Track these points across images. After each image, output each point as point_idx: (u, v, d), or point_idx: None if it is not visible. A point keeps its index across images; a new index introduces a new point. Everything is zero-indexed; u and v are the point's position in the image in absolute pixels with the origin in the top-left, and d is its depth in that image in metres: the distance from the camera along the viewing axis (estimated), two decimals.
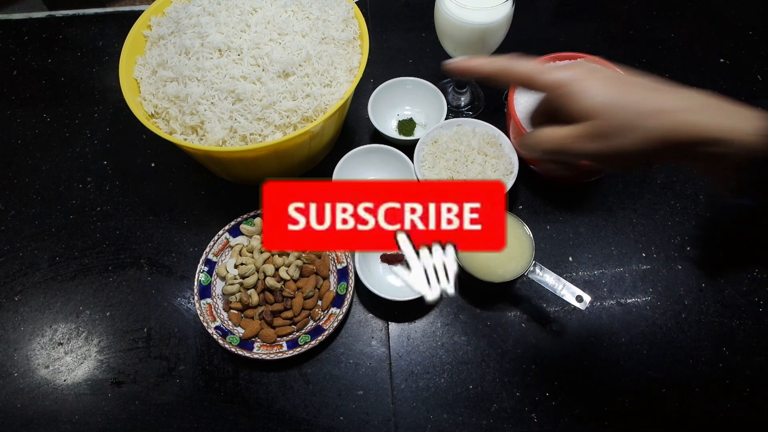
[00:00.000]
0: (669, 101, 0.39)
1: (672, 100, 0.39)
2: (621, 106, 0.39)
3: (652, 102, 0.39)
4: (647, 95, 0.40)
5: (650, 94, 0.40)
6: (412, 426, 0.65)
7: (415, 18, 0.98)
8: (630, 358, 0.68)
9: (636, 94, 0.40)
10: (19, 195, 0.81)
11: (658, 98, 0.39)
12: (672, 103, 0.39)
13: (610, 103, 0.39)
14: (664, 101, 0.39)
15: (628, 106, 0.39)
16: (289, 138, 0.65)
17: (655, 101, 0.39)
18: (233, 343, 0.66)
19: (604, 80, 0.41)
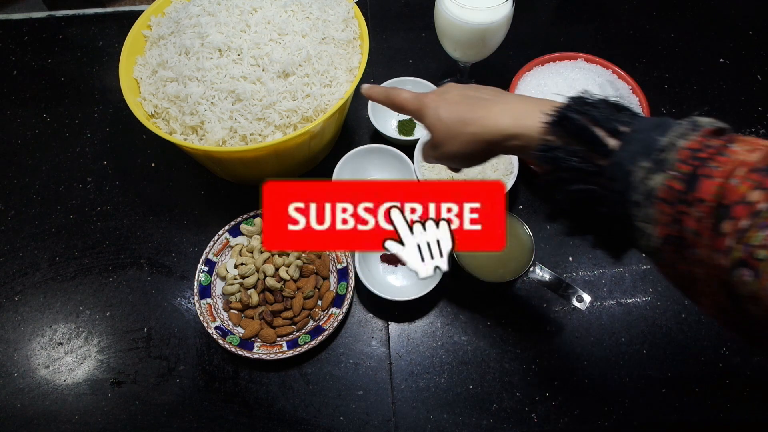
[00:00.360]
0: (484, 111, 0.48)
1: (485, 110, 0.48)
2: (448, 120, 0.50)
3: (472, 113, 0.49)
4: (471, 108, 0.49)
5: (474, 106, 0.49)
6: (412, 426, 0.65)
7: (415, 18, 0.98)
8: (630, 358, 0.68)
9: (462, 109, 0.50)
10: (19, 195, 0.81)
11: (478, 109, 0.49)
12: (484, 112, 0.48)
13: (439, 119, 0.51)
14: (481, 111, 0.49)
15: (454, 119, 0.50)
16: (289, 138, 0.65)
17: (474, 112, 0.49)
18: (233, 343, 0.66)
19: (445, 101, 0.51)
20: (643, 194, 0.38)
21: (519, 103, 0.48)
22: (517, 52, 0.90)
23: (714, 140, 0.37)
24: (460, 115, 0.50)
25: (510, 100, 0.49)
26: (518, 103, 0.48)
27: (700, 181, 0.36)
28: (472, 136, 0.49)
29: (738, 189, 0.34)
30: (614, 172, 0.40)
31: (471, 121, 0.49)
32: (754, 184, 0.33)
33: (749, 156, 0.35)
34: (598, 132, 0.41)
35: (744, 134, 0.38)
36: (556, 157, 0.43)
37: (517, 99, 0.49)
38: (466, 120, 0.49)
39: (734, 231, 0.33)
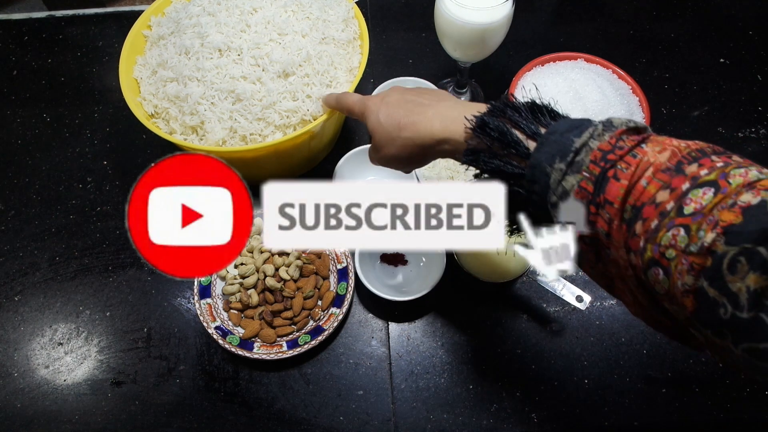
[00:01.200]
0: (418, 116, 0.50)
1: (420, 115, 0.50)
2: (386, 124, 0.52)
3: (407, 118, 0.50)
4: (406, 113, 0.51)
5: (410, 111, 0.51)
6: (412, 426, 0.65)
7: (415, 18, 0.98)
8: (630, 358, 0.68)
9: (399, 113, 0.51)
10: (19, 195, 0.81)
11: (413, 114, 0.50)
12: (418, 117, 0.50)
13: (379, 123, 0.53)
14: (416, 116, 0.50)
15: (391, 124, 0.51)
16: (289, 138, 0.65)
17: (408, 117, 0.50)
18: (233, 343, 0.66)
19: (385, 105, 0.53)
20: (559, 196, 0.39)
21: (451, 109, 0.49)
22: (517, 52, 0.90)
23: (627, 140, 0.38)
24: (397, 119, 0.51)
25: (444, 105, 0.50)
26: (450, 109, 0.49)
27: (609, 183, 0.36)
28: (406, 140, 0.51)
29: (647, 190, 0.34)
30: (533, 174, 0.40)
31: (405, 126, 0.50)
32: (662, 184, 0.34)
33: (659, 156, 0.35)
34: (517, 135, 0.42)
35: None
36: (479, 160, 0.45)
37: (450, 104, 0.50)
38: (401, 125, 0.51)
39: (645, 231, 0.34)
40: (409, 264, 0.74)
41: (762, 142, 0.83)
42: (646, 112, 0.74)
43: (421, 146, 0.50)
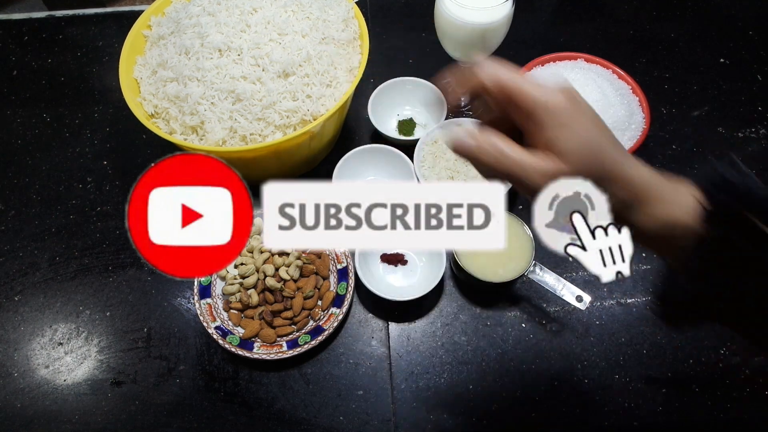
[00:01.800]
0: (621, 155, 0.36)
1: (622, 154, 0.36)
2: (591, 166, 0.35)
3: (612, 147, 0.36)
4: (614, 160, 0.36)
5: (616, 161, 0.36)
6: (412, 426, 0.65)
7: (415, 18, 0.98)
8: (630, 358, 0.68)
9: (603, 155, 0.36)
10: (19, 195, 0.81)
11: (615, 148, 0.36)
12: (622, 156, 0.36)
13: (581, 158, 0.35)
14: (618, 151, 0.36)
15: (596, 167, 0.35)
16: (289, 138, 0.65)
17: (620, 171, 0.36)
18: (233, 343, 0.66)
19: (586, 127, 0.36)
20: None
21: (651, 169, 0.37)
22: (517, 52, 0.90)
23: None
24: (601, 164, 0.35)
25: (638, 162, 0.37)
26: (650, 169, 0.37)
27: None
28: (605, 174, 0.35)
29: None
30: None
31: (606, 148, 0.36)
32: None
33: None
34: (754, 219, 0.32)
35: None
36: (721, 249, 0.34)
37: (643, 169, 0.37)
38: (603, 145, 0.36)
39: None
40: (409, 264, 0.74)
41: (762, 142, 0.83)
42: (646, 112, 0.74)
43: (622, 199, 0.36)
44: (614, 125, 0.70)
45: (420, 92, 0.84)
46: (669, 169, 0.82)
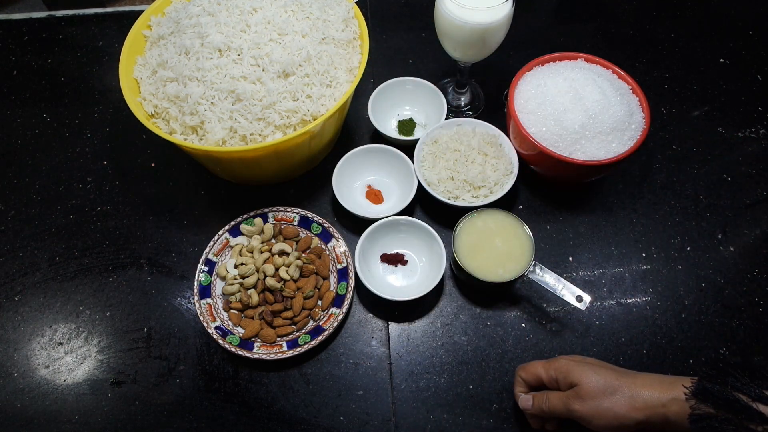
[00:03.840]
0: (628, 379, 0.53)
1: (629, 379, 0.53)
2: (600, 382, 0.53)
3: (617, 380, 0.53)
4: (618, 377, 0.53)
5: (621, 375, 0.54)
6: (412, 426, 0.65)
7: (415, 18, 0.98)
8: (630, 358, 0.68)
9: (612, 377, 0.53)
10: (19, 195, 0.81)
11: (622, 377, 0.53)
12: (629, 380, 0.53)
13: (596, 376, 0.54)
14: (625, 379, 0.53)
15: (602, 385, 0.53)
16: (289, 138, 0.65)
17: (619, 379, 0.53)
18: (233, 343, 0.66)
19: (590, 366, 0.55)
20: None
21: (655, 377, 0.52)
22: (517, 52, 0.90)
23: None
24: (609, 381, 0.53)
25: (643, 375, 0.53)
26: (654, 377, 0.52)
27: None
28: (631, 399, 0.51)
29: None
30: None
31: (618, 388, 0.52)
32: None
33: None
34: (744, 400, 0.44)
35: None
36: (712, 427, 0.46)
37: (650, 375, 0.53)
38: (614, 386, 0.52)
39: None
40: (409, 264, 0.74)
41: (762, 142, 0.83)
42: (646, 112, 0.74)
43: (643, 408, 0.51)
44: (614, 125, 0.70)
45: (420, 92, 0.84)
46: (669, 169, 0.83)
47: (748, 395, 0.45)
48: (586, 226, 0.77)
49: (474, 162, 0.75)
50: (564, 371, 0.56)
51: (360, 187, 0.80)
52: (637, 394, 0.51)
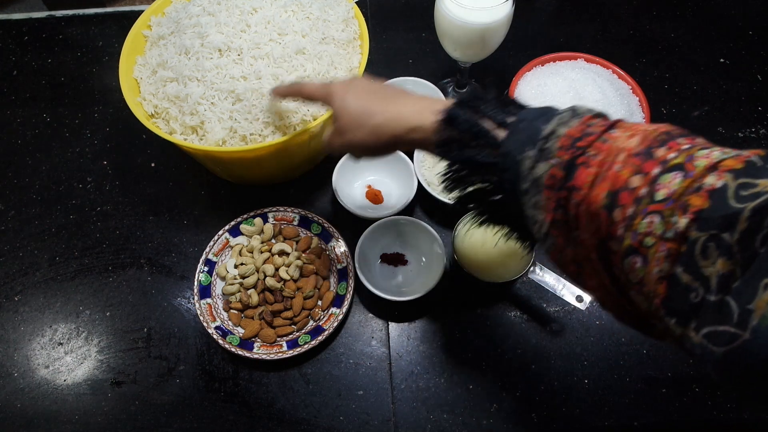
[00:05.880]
0: (388, 104, 0.51)
1: (389, 104, 0.51)
2: (354, 109, 0.52)
3: (377, 105, 0.51)
4: (376, 101, 0.51)
5: (379, 100, 0.51)
6: (412, 426, 0.65)
7: (415, 18, 0.98)
8: (630, 358, 0.68)
9: (368, 100, 0.52)
10: (19, 195, 0.81)
11: (382, 102, 0.51)
12: (388, 105, 0.50)
13: (345, 108, 0.52)
14: (386, 104, 0.51)
15: (360, 109, 0.51)
16: (289, 138, 0.65)
17: (378, 105, 0.51)
18: (233, 343, 0.66)
19: (353, 90, 0.53)
20: (531, 182, 0.40)
21: (419, 101, 0.50)
22: (517, 52, 0.90)
23: (596, 125, 0.38)
24: (366, 105, 0.51)
25: (411, 97, 0.51)
26: (419, 101, 0.50)
27: (578, 170, 0.37)
28: (376, 127, 0.51)
29: (621, 174, 0.35)
30: (504, 163, 0.41)
31: (375, 112, 0.51)
32: (634, 169, 0.35)
33: (629, 141, 0.36)
34: (486, 125, 0.43)
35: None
36: (451, 151, 0.46)
37: (419, 98, 0.51)
38: (371, 111, 0.51)
39: (623, 219, 0.34)
40: (409, 264, 0.74)
41: (762, 142, 0.83)
42: (646, 112, 0.74)
43: (391, 134, 0.50)
44: None
45: (420, 92, 0.84)
46: None
47: (492, 120, 0.43)
48: None
49: None
50: (329, 101, 0.55)
51: (360, 187, 0.80)
52: (386, 123, 0.50)
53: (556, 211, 0.39)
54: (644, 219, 0.33)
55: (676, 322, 0.31)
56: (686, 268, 0.30)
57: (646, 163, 0.34)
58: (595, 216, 0.36)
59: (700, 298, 0.29)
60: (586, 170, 0.37)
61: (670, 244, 0.31)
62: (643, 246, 0.33)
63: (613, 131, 0.38)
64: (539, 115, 0.41)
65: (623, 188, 0.34)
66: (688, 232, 0.30)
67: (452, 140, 0.45)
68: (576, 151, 0.37)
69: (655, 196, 0.32)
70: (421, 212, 0.78)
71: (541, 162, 0.39)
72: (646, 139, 0.36)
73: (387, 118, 0.50)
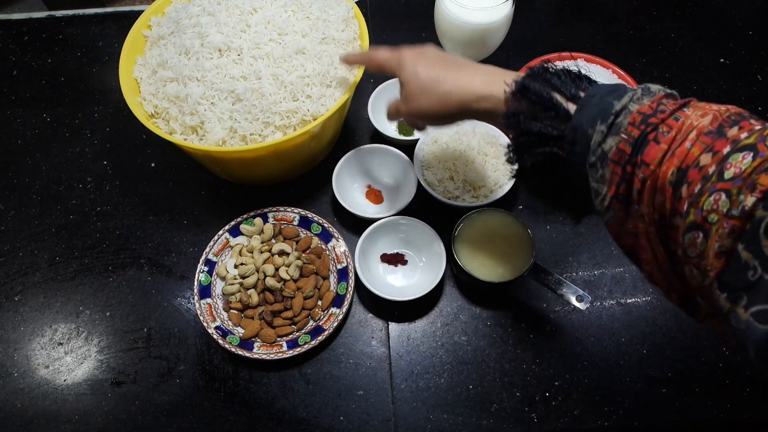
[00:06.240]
0: (457, 73, 0.51)
1: (459, 72, 0.51)
2: (424, 76, 0.52)
3: (447, 72, 0.51)
4: (446, 68, 0.52)
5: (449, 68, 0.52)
6: (412, 426, 0.65)
7: (415, 18, 0.98)
8: (630, 358, 0.68)
9: (438, 68, 0.52)
10: (19, 195, 0.81)
11: (453, 71, 0.51)
12: (458, 74, 0.51)
13: (416, 74, 0.53)
14: (456, 72, 0.51)
15: (430, 76, 0.52)
16: (289, 138, 0.65)
17: (448, 72, 0.51)
18: (233, 343, 0.66)
19: (423, 58, 0.53)
20: (599, 157, 0.40)
21: (489, 71, 0.50)
22: (517, 52, 0.90)
23: (668, 104, 0.39)
24: (436, 73, 0.52)
25: (481, 67, 0.51)
26: (489, 71, 0.50)
27: (648, 146, 0.38)
28: (444, 95, 0.51)
29: (691, 152, 0.36)
30: (574, 137, 0.42)
31: (445, 80, 0.51)
32: (705, 147, 0.35)
33: (701, 120, 0.37)
34: (558, 98, 0.44)
35: None
36: (519, 123, 0.46)
37: (488, 68, 0.51)
38: (441, 78, 0.51)
39: (689, 195, 0.35)
40: (409, 264, 0.74)
41: None
42: None
43: (459, 102, 0.50)
44: None
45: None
46: None
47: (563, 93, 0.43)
48: (586, 226, 0.77)
49: (474, 162, 0.75)
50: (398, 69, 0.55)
51: (360, 187, 0.80)
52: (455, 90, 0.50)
53: (619, 185, 0.39)
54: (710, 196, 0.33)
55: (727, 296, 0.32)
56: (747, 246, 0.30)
57: (717, 142, 0.35)
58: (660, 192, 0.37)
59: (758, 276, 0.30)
60: (656, 146, 0.37)
61: (734, 221, 0.31)
62: (707, 222, 0.33)
63: (685, 109, 0.38)
64: (611, 91, 0.41)
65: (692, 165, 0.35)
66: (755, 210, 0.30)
67: (521, 111, 0.45)
68: (647, 128, 0.38)
69: (724, 174, 0.33)
70: (421, 212, 0.78)
71: (610, 137, 0.39)
72: (717, 118, 0.36)
73: (456, 85, 0.50)
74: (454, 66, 0.52)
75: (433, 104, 0.52)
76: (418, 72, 0.53)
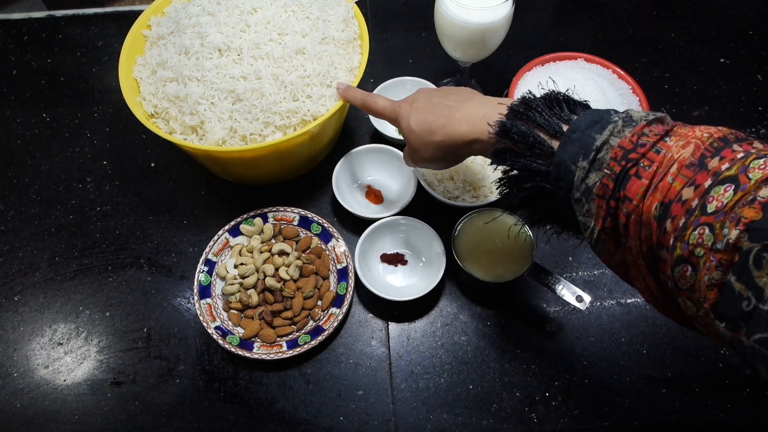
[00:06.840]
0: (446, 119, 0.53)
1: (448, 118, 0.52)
2: (418, 130, 0.55)
3: (436, 122, 0.53)
4: (435, 117, 0.53)
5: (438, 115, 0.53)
6: (412, 426, 0.65)
7: (415, 18, 0.98)
8: (630, 358, 0.68)
9: (429, 118, 0.54)
10: (19, 195, 0.81)
11: (441, 117, 0.53)
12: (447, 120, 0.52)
13: (411, 130, 0.56)
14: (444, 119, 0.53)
15: (422, 129, 0.54)
16: (288, 138, 0.65)
17: (439, 121, 0.53)
18: (233, 343, 0.66)
19: (415, 110, 0.56)
20: (583, 192, 0.41)
21: (477, 108, 0.51)
22: (517, 52, 0.90)
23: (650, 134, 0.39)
24: (427, 124, 0.54)
25: (469, 105, 0.52)
26: (476, 108, 0.51)
27: (630, 181, 0.38)
28: (439, 144, 0.53)
29: (673, 186, 0.36)
30: (558, 172, 0.42)
31: (436, 130, 0.53)
32: (686, 181, 0.35)
33: (682, 151, 0.37)
34: (541, 135, 0.45)
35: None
36: (506, 160, 0.47)
37: (475, 104, 0.52)
38: (432, 129, 0.53)
39: (674, 229, 0.35)
40: (409, 264, 0.74)
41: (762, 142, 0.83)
42: None
43: (453, 148, 0.53)
44: None
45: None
46: None
47: (547, 130, 0.44)
48: None
49: (474, 162, 0.75)
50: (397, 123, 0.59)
51: (360, 187, 0.80)
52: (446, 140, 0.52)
53: (605, 219, 0.40)
54: (695, 230, 0.33)
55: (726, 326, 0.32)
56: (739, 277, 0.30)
57: (699, 175, 0.35)
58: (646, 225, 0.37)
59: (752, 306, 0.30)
60: (638, 181, 0.38)
61: (720, 255, 0.31)
62: (694, 255, 0.33)
63: (667, 140, 0.38)
64: (592, 123, 0.41)
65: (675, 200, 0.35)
66: (740, 242, 0.30)
67: (508, 150, 0.47)
68: (627, 163, 0.38)
69: (707, 208, 0.33)
70: (421, 212, 0.78)
71: (593, 172, 0.40)
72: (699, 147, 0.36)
73: (447, 133, 0.52)
74: (444, 110, 0.53)
75: (434, 154, 0.55)
76: (412, 127, 0.55)
